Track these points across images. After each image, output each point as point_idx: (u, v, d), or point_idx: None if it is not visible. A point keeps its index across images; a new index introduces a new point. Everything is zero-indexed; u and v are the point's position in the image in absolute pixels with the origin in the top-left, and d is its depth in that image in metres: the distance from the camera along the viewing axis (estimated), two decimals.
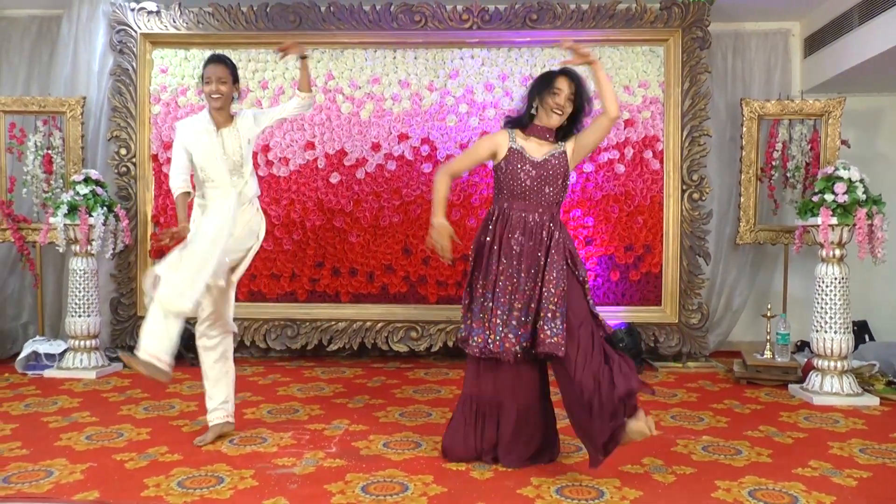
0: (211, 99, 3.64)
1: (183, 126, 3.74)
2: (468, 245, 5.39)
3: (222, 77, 3.64)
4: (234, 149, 3.66)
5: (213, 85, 3.62)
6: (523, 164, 3.28)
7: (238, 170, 3.67)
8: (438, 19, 5.62)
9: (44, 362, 5.24)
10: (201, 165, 3.65)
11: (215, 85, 3.62)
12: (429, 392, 4.70)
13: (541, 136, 3.33)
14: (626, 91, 5.66)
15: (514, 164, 3.28)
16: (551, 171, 3.29)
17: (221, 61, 3.71)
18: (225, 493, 2.91)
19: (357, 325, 5.66)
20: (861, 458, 3.38)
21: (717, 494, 2.91)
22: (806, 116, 5.56)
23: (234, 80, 3.72)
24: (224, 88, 3.64)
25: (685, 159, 5.58)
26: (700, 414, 4.15)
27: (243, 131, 3.71)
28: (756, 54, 6.01)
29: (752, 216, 5.62)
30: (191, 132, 3.68)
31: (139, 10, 5.70)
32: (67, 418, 4.01)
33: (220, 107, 3.67)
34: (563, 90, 3.26)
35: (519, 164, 3.28)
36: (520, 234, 3.24)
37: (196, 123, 3.71)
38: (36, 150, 5.59)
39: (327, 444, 3.54)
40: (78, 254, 5.22)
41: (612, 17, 5.57)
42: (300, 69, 3.85)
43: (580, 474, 3.12)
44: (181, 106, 5.78)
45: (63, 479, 3.05)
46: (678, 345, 5.60)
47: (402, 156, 5.70)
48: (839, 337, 4.53)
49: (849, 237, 4.55)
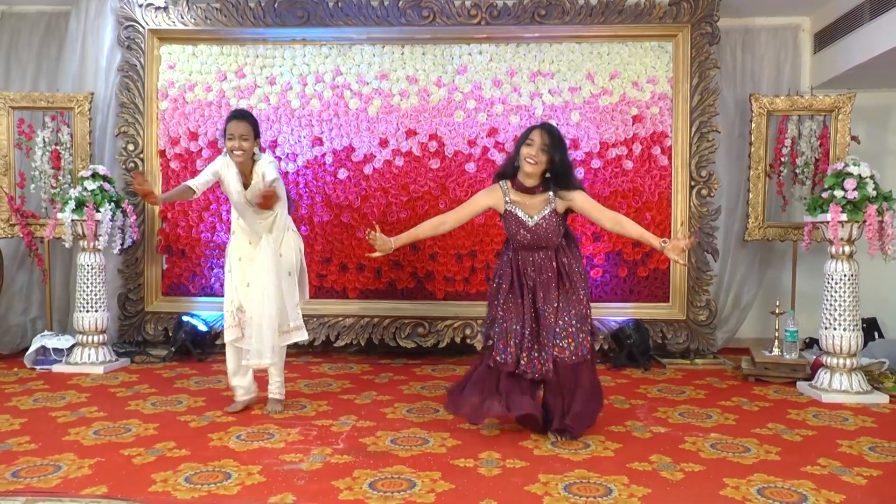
0: (233, 155, 3.85)
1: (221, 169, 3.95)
2: (474, 243, 5.45)
3: (244, 134, 3.85)
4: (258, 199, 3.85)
5: (235, 141, 3.83)
6: (519, 228, 3.64)
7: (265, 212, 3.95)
8: (446, 15, 5.61)
9: (52, 357, 5.26)
10: (234, 206, 4.01)
11: (238, 142, 3.84)
12: (436, 388, 4.69)
13: (526, 192, 3.64)
14: (635, 87, 5.64)
15: (512, 226, 3.66)
16: (543, 233, 3.62)
17: (244, 118, 3.91)
18: (232, 488, 2.91)
19: (364, 320, 5.66)
20: (871, 457, 3.36)
21: (726, 492, 2.89)
22: (816, 112, 5.52)
23: (255, 136, 3.90)
24: (246, 145, 3.86)
25: (694, 155, 5.56)
26: (708, 411, 4.14)
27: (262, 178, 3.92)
28: (766, 50, 5.97)
29: (761, 213, 5.59)
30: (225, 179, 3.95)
31: (147, 6, 5.71)
32: (75, 413, 4.02)
33: (242, 161, 3.88)
34: (536, 141, 3.54)
35: (515, 226, 3.65)
36: (531, 270, 3.65)
37: (228, 171, 3.94)
38: (44, 145, 5.61)
39: (335, 440, 3.54)
40: (85, 249, 5.23)
41: (621, 13, 5.55)
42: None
43: (588, 471, 3.11)
44: (188, 102, 5.79)
45: (71, 473, 3.06)
46: (686, 341, 5.58)
47: (410, 152, 5.69)
48: (848, 334, 4.50)
49: (858, 234, 4.52)
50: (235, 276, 4.06)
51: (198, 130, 5.79)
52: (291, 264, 4.08)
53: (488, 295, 3.87)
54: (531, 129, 3.61)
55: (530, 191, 3.63)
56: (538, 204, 3.62)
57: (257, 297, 3.96)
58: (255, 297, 3.97)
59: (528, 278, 3.64)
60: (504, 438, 3.60)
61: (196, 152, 5.78)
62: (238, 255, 4.06)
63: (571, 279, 3.62)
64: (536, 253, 3.66)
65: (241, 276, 4.04)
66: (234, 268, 4.07)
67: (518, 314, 3.61)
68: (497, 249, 5.61)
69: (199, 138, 5.78)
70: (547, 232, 3.61)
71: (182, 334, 5.53)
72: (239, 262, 4.06)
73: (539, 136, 3.54)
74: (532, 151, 3.53)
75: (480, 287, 5.65)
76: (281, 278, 4.00)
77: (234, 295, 4.05)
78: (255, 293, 3.98)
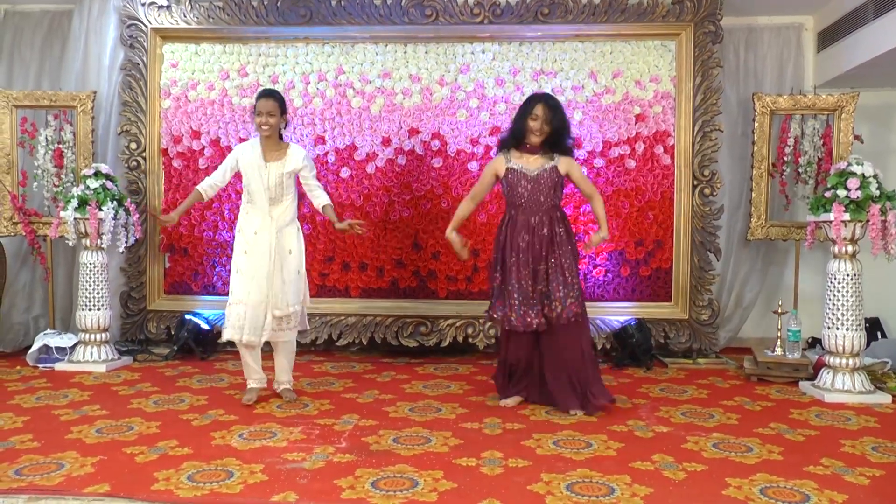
0: (261, 129, 4.16)
1: (241, 149, 4.29)
2: (476, 241, 5.51)
3: (272, 111, 4.14)
4: (276, 181, 4.18)
5: (262, 117, 4.13)
6: (520, 180, 4.06)
7: (278, 199, 4.20)
8: (449, 13, 5.60)
9: (55, 355, 5.27)
10: (248, 188, 4.23)
11: (265, 117, 4.13)
12: (438, 387, 4.69)
13: (531, 153, 4.10)
14: (638, 86, 5.63)
15: (513, 179, 4.08)
16: (543, 183, 4.05)
17: (271, 96, 4.21)
18: (235, 487, 2.91)
19: (367, 319, 5.66)
20: (874, 457, 3.35)
21: (728, 492, 2.89)
22: (819, 111, 5.52)
23: (282, 112, 4.21)
24: (272, 121, 4.14)
25: (696, 154, 5.55)
26: (710, 411, 4.13)
27: (289, 166, 4.20)
28: (769, 49, 5.95)
29: (764, 212, 5.59)
30: (245, 158, 4.22)
31: (150, 4, 5.71)
32: (78, 411, 4.03)
33: (269, 136, 4.18)
34: (540, 115, 4.00)
35: (516, 179, 4.07)
36: (525, 233, 4.03)
37: (251, 151, 4.24)
38: (47, 144, 5.62)
39: (337, 439, 3.55)
40: (88, 248, 5.24)
41: (624, 12, 5.54)
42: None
43: (591, 471, 3.11)
44: (191, 100, 5.79)
45: (74, 471, 3.06)
46: (688, 341, 5.58)
47: (413, 150, 5.69)
48: (851, 334, 4.49)
49: (861, 233, 4.51)
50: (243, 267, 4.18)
51: (200, 129, 5.79)
52: (300, 262, 4.27)
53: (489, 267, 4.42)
54: (534, 103, 4.03)
55: (532, 150, 4.08)
56: (540, 161, 4.08)
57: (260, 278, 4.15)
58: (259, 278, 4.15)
59: (522, 240, 4.02)
60: (506, 438, 3.60)
61: (198, 151, 5.78)
62: (244, 248, 4.19)
63: (561, 248, 4.02)
64: (533, 216, 4.04)
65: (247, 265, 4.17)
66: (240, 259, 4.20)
67: (515, 275, 4.02)
68: None
69: (201, 137, 5.78)
70: (547, 184, 4.03)
71: (184, 333, 5.53)
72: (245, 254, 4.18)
73: (542, 110, 3.99)
74: (537, 125, 3.99)
75: (483, 286, 5.64)
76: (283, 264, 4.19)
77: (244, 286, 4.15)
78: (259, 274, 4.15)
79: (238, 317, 4.11)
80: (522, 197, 4.04)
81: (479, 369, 5.22)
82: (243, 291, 4.13)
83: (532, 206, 4.04)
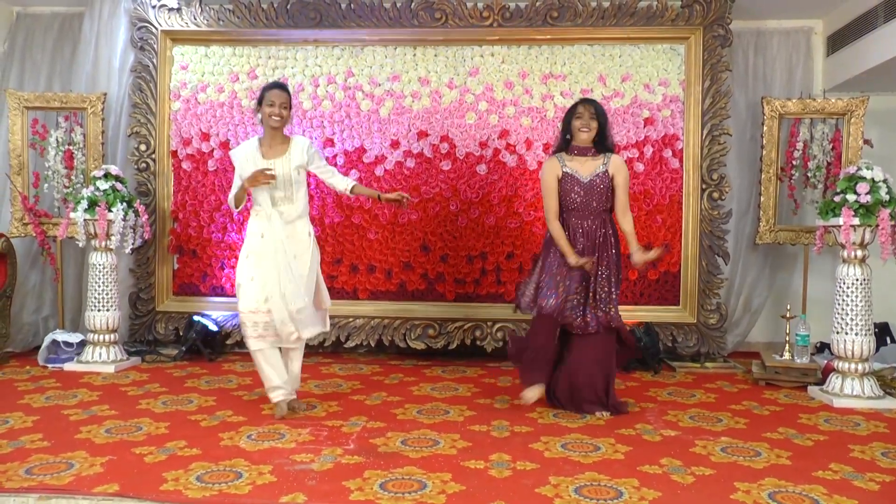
0: (271, 120, 4.01)
1: (235, 155, 4.11)
2: (481, 245, 5.49)
3: (285, 103, 4.04)
4: (285, 179, 4.00)
5: (276, 108, 4.00)
6: (573, 186, 4.12)
7: (289, 196, 4.03)
8: (459, 16, 5.61)
9: (63, 351, 5.29)
10: (252, 191, 4.01)
11: (278, 109, 4.01)
12: (446, 390, 4.70)
13: (582, 154, 4.17)
14: (647, 89, 5.63)
15: (567, 185, 4.13)
16: (595, 189, 4.11)
17: (284, 88, 4.11)
18: (243, 488, 2.92)
19: (375, 321, 5.67)
20: (883, 462, 3.34)
21: (737, 496, 2.88)
22: (828, 115, 5.50)
23: (289, 107, 4.09)
24: (285, 113, 4.04)
25: (705, 158, 5.54)
26: (718, 415, 4.13)
27: (295, 160, 4.04)
28: (778, 52, 5.94)
29: (772, 216, 5.57)
30: (241, 161, 4.05)
31: (160, 7, 5.73)
32: (87, 411, 4.05)
33: (277, 127, 4.05)
34: (584, 113, 4.12)
35: (570, 184, 4.13)
36: (580, 236, 4.11)
37: (245, 151, 4.06)
38: (57, 145, 5.65)
39: (345, 441, 3.55)
40: (97, 248, 5.26)
41: (633, 15, 5.54)
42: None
43: (599, 474, 3.11)
44: (201, 102, 5.81)
45: (83, 471, 3.07)
46: (696, 345, 5.57)
47: (422, 153, 5.70)
48: (860, 339, 4.47)
49: (871, 238, 4.49)
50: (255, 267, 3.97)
51: (209, 131, 5.81)
52: (314, 263, 4.10)
53: (532, 260, 4.49)
54: (574, 106, 4.19)
55: (584, 152, 4.16)
56: (591, 165, 4.15)
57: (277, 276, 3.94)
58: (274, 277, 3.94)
59: (578, 243, 4.09)
60: (515, 440, 3.60)
61: (208, 153, 5.81)
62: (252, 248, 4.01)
63: (611, 252, 4.12)
64: (586, 220, 4.12)
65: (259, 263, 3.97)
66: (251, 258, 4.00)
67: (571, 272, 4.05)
68: (507, 251, 5.62)
69: (210, 139, 5.81)
70: (599, 189, 4.11)
71: (193, 334, 5.55)
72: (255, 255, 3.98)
73: (585, 108, 4.12)
74: (583, 121, 4.11)
75: (490, 289, 5.65)
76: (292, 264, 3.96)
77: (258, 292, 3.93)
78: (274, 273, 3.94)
79: (254, 325, 3.91)
80: (575, 202, 4.12)
81: (486, 372, 5.23)
82: (255, 300, 3.92)
83: (584, 210, 4.13)
